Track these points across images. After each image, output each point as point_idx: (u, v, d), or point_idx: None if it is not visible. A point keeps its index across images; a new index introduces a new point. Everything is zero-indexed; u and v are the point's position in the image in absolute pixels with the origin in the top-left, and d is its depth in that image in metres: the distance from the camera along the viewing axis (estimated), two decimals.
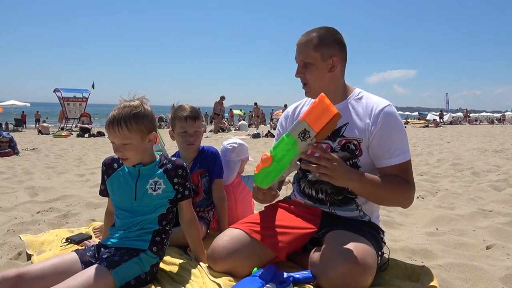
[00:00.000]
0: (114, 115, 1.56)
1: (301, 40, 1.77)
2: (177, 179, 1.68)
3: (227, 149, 2.52)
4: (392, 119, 1.71)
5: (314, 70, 1.75)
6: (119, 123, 1.54)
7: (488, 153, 7.31)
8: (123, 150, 1.58)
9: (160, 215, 1.68)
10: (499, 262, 2.00)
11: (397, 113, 1.77)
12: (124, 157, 1.61)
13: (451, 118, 30.77)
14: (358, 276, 1.45)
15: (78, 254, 1.59)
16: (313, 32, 1.76)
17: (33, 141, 12.68)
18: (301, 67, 1.77)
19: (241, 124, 20.40)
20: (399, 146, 1.69)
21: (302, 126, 1.51)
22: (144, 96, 1.67)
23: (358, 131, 1.73)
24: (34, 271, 1.45)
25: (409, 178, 1.71)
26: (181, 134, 2.19)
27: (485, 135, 13.97)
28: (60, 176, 5.22)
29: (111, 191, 1.72)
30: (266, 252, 1.73)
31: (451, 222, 2.76)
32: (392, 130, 1.70)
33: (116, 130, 1.55)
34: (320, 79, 1.76)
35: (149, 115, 1.62)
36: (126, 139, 1.56)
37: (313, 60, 1.74)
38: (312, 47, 1.73)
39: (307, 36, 1.76)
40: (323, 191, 1.82)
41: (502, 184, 4.06)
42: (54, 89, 22.70)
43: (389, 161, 1.69)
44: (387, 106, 1.72)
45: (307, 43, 1.74)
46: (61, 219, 2.90)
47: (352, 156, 1.74)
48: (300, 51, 1.76)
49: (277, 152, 1.59)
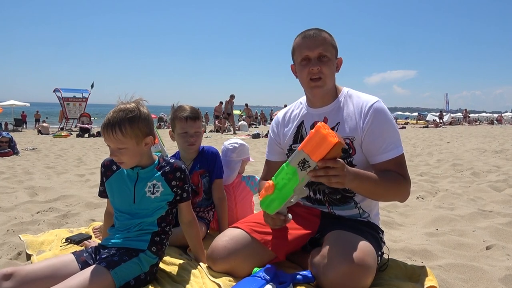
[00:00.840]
0: (109, 119, 1.53)
1: (316, 34, 1.73)
2: (176, 182, 1.67)
3: (228, 149, 2.52)
4: (382, 114, 1.71)
5: (331, 64, 1.74)
6: (113, 127, 1.51)
7: (488, 153, 7.31)
8: (118, 154, 1.56)
9: (159, 217, 1.67)
10: (499, 262, 2.00)
11: (387, 108, 1.77)
12: (120, 161, 1.59)
13: (450, 118, 30.77)
14: (358, 276, 1.45)
15: (75, 255, 1.58)
16: (322, 31, 1.75)
17: (32, 141, 12.68)
18: (316, 59, 1.72)
19: (241, 125, 20.41)
20: (391, 141, 1.70)
21: (301, 156, 1.47)
22: (141, 98, 1.62)
23: (350, 129, 1.74)
24: (30, 270, 1.45)
25: (404, 172, 1.71)
26: (181, 134, 2.19)
27: (485, 135, 13.97)
28: (60, 176, 5.22)
29: (110, 193, 1.72)
30: (266, 252, 1.73)
31: (451, 223, 2.76)
32: (383, 126, 1.70)
33: (110, 135, 1.52)
34: (332, 76, 1.77)
35: (146, 118, 1.58)
36: (120, 143, 1.53)
37: (331, 55, 1.73)
38: (330, 42, 1.74)
39: (320, 33, 1.74)
40: (321, 191, 1.83)
41: (502, 184, 4.06)
42: (54, 89, 22.71)
43: (383, 156, 1.70)
44: (376, 102, 1.73)
45: (326, 38, 1.73)
46: (60, 219, 2.90)
47: (346, 155, 1.74)
48: (318, 44, 1.71)
49: (278, 180, 1.56)
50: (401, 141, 1.75)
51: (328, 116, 1.80)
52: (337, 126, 1.76)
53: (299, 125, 1.88)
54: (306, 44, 1.73)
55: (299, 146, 1.49)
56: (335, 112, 1.79)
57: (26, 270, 1.44)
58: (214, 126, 18.71)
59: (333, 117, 1.79)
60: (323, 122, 1.50)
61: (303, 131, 1.86)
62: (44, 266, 1.49)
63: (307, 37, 1.74)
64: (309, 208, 1.89)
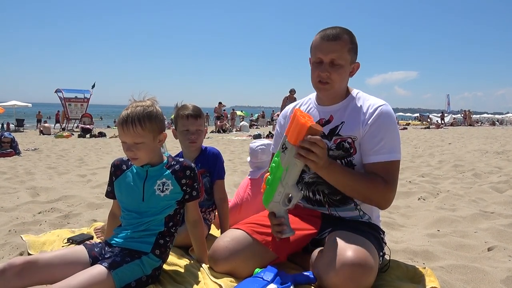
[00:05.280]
0: (127, 113, 1.57)
1: (334, 37, 1.68)
2: (185, 180, 1.69)
3: (257, 152, 2.63)
4: (385, 117, 1.71)
5: (342, 71, 1.71)
6: (133, 121, 1.55)
7: (490, 154, 7.30)
8: (134, 149, 1.59)
9: (167, 216, 1.68)
10: (501, 264, 2.00)
11: (393, 113, 1.76)
12: (135, 157, 1.61)
13: (452, 119, 30.71)
14: (359, 277, 1.45)
15: (87, 248, 1.61)
16: (343, 33, 1.70)
17: (34, 142, 12.70)
18: (327, 65, 1.70)
19: (242, 125, 20.44)
20: (387, 144, 1.68)
21: (283, 140, 1.61)
22: (154, 97, 1.69)
23: (353, 129, 1.74)
24: (42, 259, 1.48)
25: (390, 179, 1.67)
26: (183, 132, 2.22)
27: (486, 136, 13.95)
28: (61, 176, 5.23)
29: (119, 192, 1.72)
30: (267, 253, 1.73)
31: (453, 224, 2.75)
32: (383, 127, 1.69)
33: (130, 129, 1.56)
34: (342, 81, 1.76)
35: (160, 115, 1.65)
36: (139, 137, 1.57)
37: (345, 62, 1.70)
38: (347, 49, 1.69)
39: (340, 36, 1.69)
40: (320, 192, 1.82)
41: (503, 185, 4.05)
42: (56, 89, 22.74)
43: (374, 157, 1.69)
44: (382, 105, 1.73)
45: (342, 44, 1.69)
46: (62, 220, 2.91)
47: (347, 154, 1.74)
48: (332, 50, 1.68)
49: (271, 167, 1.67)
50: (400, 148, 1.73)
51: (334, 114, 1.80)
52: (341, 125, 1.77)
53: None
54: (322, 46, 1.70)
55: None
56: (341, 112, 1.79)
57: (39, 263, 1.47)
58: (215, 127, 18.77)
59: (339, 116, 1.79)
60: (301, 109, 1.57)
61: None
62: (58, 256, 1.53)
63: (324, 39, 1.70)
64: (309, 210, 1.89)
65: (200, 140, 2.25)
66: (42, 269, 1.46)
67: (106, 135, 15.94)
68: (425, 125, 26.62)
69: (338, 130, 1.77)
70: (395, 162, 1.70)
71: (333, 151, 1.76)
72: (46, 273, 1.46)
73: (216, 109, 18.95)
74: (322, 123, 1.80)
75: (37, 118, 26.84)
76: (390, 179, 1.68)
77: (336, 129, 1.77)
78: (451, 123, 28.83)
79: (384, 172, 1.67)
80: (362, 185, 1.66)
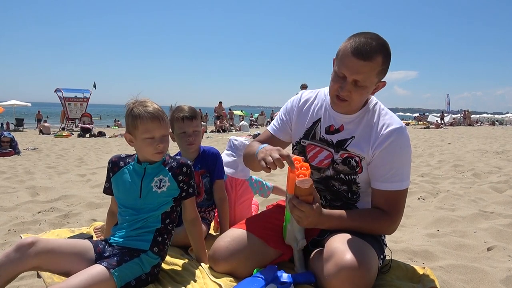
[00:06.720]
0: (155, 109, 1.63)
1: (364, 57, 1.50)
2: (182, 177, 1.70)
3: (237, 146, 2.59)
4: (399, 142, 1.62)
5: (364, 92, 1.59)
6: (163, 115, 1.64)
7: (489, 154, 7.30)
8: (163, 142, 1.65)
9: (164, 213, 1.68)
10: (500, 263, 2.00)
11: (407, 137, 1.66)
12: (163, 150, 1.67)
13: (451, 119, 30.68)
14: (359, 278, 1.44)
15: (92, 243, 1.63)
16: (377, 53, 1.52)
17: (34, 141, 12.70)
18: (350, 84, 1.56)
19: (242, 125, 20.46)
20: (398, 172, 1.62)
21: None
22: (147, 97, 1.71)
23: (362, 147, 1.67)
24: (51, 242, 1.52)
25: (395, 210, 1.64)
26: (180, 135, 2.20)
27: (486, 136, 13.96)
28: (61, 176, 5.23)
29: (116, 188, 1.73)
30: (267, 252, 1.74)
31: (452, 224, 2.76)
32: (395, 155, 1.62)
33: (163, 122, 1.65)
34: (362, 99, 1.65)
35: None
36: (167, 130, 1.70)
37: (370, 83, 1.57)
38: (376, 72, 1.55)
39: (372, 57, 1.51)
40: (322, 197, 1.81)
41: (503, 185, 4.05)
42: (56, 89, 22.73)
43: (382, 185, 1.64)
44: (398, 128, 1.63)
45: (373, 66, 1.52)
46: (62, 219, 2.91)
47: (352, 172, 1.71)
48: (359, 71, 1.52)
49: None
50: (410, 172, 1.68)
51: (345, 125, 1.72)
52: (351, 140, 1.70)
53: (316, 122, 1.80)
54: (349, 63, 1.53)
55: None
56: (354, 125, 1.70)
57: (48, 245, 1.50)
58: (214, 127, 18.81)
59: (351, 129, 1.71)
60: (306, 163, 1.51)
61: (317, 129, 1.78)
62: (66, 244, 1.57)
63: (354, 55, 1.51)
64: None
65: (198, 141, 2.24)
66: (49, 251, 1.48)
67: (105, 134, 15.95)
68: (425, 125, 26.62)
69: (347, 144, 1.70)
70: (403, 191, 1.65)
71: (338, 165, 1.72)
72: (51, 255, 1.48)
73: (216, 108, 19.05)
74: (332, 130, 1.74)
75: (37, 117, 26.82)
76: (395, 210, 1.64)
77: (344, 143, 1.71)
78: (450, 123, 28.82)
79: (390, 200, 1.64)
80: (365, 226, 1.64)
